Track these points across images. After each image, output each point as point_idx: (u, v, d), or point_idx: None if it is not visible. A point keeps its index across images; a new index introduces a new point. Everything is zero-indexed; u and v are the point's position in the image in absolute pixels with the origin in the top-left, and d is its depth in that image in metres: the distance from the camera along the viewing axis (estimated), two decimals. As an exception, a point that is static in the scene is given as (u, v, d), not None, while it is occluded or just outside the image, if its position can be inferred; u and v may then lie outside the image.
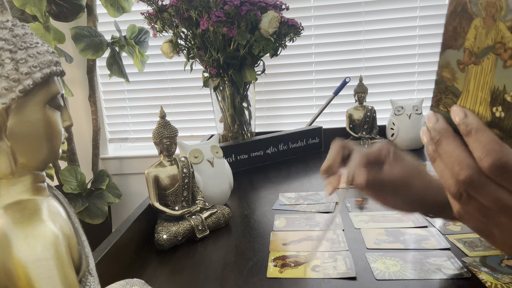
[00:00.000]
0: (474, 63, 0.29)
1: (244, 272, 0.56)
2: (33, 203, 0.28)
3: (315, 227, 0.69)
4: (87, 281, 0.31)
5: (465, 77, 0.30)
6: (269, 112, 1.62)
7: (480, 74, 0.29)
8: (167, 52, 1.07)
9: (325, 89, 1.57)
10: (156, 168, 0.68)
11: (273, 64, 1.53)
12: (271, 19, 0.95)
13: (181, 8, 0.96)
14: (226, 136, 1.13)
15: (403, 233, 0.64)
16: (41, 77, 0.28)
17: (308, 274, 0.54)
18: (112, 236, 0.58)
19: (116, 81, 1.61)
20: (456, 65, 0.30)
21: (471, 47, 0.29)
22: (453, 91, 0.31)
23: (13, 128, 0.27)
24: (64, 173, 1.37)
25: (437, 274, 0.52)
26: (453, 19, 0.30)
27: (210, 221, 0.69)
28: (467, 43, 0.29)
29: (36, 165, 0.29)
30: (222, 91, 1.08)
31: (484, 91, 0.29)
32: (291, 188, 0.91)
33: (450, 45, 0.30)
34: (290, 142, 1.17)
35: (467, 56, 0.29)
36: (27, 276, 0.25)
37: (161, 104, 1.62)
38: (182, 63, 1.12)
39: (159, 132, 0.68)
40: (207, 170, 0.78)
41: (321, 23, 1.51)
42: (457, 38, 0.30)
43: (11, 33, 0.27)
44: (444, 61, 0.31)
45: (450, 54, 0.30)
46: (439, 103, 0.32)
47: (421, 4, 1.46)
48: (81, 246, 0.32)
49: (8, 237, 0.26)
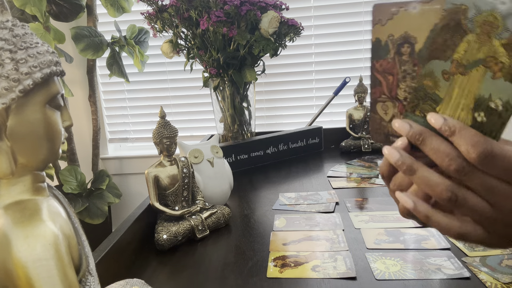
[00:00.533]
0: (461, 73, 0.32)
1: (244, 272, 0.56)
2: (33, 203, 0.28)
3: (315, 227, 0.69)
4: (87, 281, 0.31)
5: (449, 86, 0.32)
6: (269, 112, 1.62)
7: (466, 83, 0.32)
8: (167, 52, 1.07)
9: (325, 89, 1.57)
10: (156, 168, 0.68)
11: (273, 64, 1.53)
12: (271, 19, 0.95)
13: (181, 8, 0.96)
14: (226, 136, 1.13)
15: (403, 233, 0.64)
16: (41, 77, 0.28)
17: (308, 274, 0.54)
18: (112, 236, 0.58)
19: (116, 81, 1.61)
20: (440, 74, 0.33)
21: (460, 59, 0.31)
22: (433, 98, 0.33)
23: (13, 128, 0.27)
24: (64, 173, 1.37)
25: (437, 274, 0.52)
26: (445, 32, 0.32)
27: (210, 221, 0.69)
28: (456, 55, 0.32)
29: (36, 165, 0.29)
30: (222, 91, 1.08)
31: (468, 98, 0.32)
32: (291, 188, 0.91)
33: (436, 56, 0.33)
34: (290, 142, 1.17)
35: (454, 67, 0.32)
36: (27, 276, 0.25)
37: (161, 104, 1.62)
38: (182, 63, 1.12)
39: (159, 132, 0.68)
40: (207, 170, 0.78)
41: (321, 23, 1.51)
42: (446, 50, 0.32)
43: (11, 33, 0.27)
44: (428, 70, 0.33)
45: (436, 64, 0.33)
46: (415, 108, 0.35)
47: (421, 4, 1.46)
48: (81, 246, 0.32)
49: (8, 237, 0.26)
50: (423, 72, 0.33)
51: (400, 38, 0.35)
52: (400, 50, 0.35)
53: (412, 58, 0.34)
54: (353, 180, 0.93)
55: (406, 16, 0.34)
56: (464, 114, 0.32)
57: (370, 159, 1.10)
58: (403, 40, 0.35)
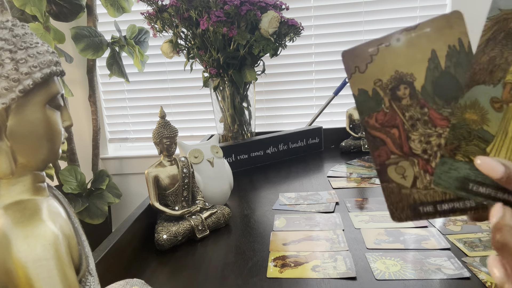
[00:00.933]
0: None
1: (244, 272, 0.56)
2: (33, 203, 0.28)
3: (315, 227, 0.69)
4: (87, 281, 0.31)
5: (503, 118, 0.26)
6: (269, 112, 1.62)
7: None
8: (167, 52, 1.07)
9: (325, 89, 1.57)
10: (156, 168, 0.68)
11: (273, 64, 1.53)
12: (271, 19, 0.95)
13: (181, 8, 0.96)
14: (226, 136, 1.13)
15: (403, 233, 0.64)
16: (41, 77, 0.28)
17: (308, 274, 0.54)
18: (112, 236, 0.58)
19: (116, 81, 1.61)
20: (489, 103, 0.26)
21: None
22: (481, 135, 0.26)
23: (13, 128, 0.27)
24: (64, 173, 1.37)
25: (437, 274, 0.52)
26: (490, 48, 0.25)
27: (210, 221, 0.69)
28: (510, 76, 0.25)
29: (36, 165, 0.29)
30: (222, 91, 1.08)
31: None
32: (291, 188, 0.91)
33: (481, 80, 0.26)
34: (290, 142, 1.17)
35: (508, 92, 0.25)
36: (27, 276, 0.25)
37: (161, 104, 1.62)
38: (182, 63, 1.12)
39: (159, 132, 0.68)
40: (207, 170, 0.78)
41: (321, 23, 1.51)
42: (495, 71, 0.25)
43: (11, 33, 0.27)
44: (469, 100, 0.26)
45: (480, 90, 0.26)
46: (457, 152, 0.27)
47: (421, 4, 1.46)
48: (81, 246, 0.32)
49: (8, 237, 0.26)
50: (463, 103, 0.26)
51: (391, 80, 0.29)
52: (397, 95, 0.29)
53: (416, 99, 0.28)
54: (353, 180, 0.93)
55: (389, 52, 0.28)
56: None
57: (370, 159, 1.10)
58: (396, 82, 0.28)
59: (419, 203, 0.29)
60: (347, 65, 0.30)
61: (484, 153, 0.26)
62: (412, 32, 0.27)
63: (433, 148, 0.29)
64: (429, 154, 0.28)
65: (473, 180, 0.27)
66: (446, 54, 0.27)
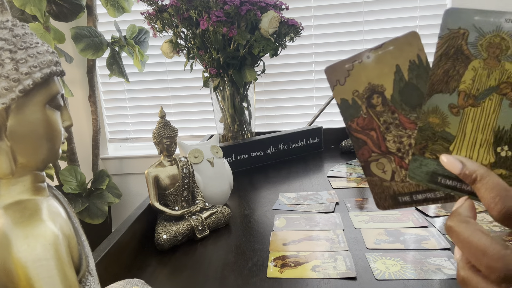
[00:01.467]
0: (472, 105, 0.29)
1: (244, 272, 0.56)
2: (33, 203, 0.28)
3: (315, 227, 0.69)
4: (87, 281, 0.31)
5: (460, 121, 0.29)
6: (269, 112, 1.62)
7: (480, 116, 0.29)
8: (167, 52, 1.07)
9: (325, 89, 1.57)
10: (156, 168, 0.68)
11: (273, 64, 1.53)
12: (271, 19, 0.95)
13: (181, 8, 0.96)
14: (226, 136, 1.13)
15: (403, 233, 0.64)
16: (41, 77, 0.28)
17: (308, 274, 0.54)
18: (112, 236, 0.58)
19: (116, 81, 1.61)
20: (447, 109, 0.30)
21: (468, 90, 0.29)
22: (443, 136, 0.30)
23: (13, 128, 0.27)
24: (64, 173, 1.37)
25: (437, 274, 0.52)
26: (444, 62, 0.29)
27: (210, 221, 0.69)
28: (463, 86, 0.29)
29: (36, 165, 0.29)
30: (222, 91, 1.08)
31: (485, 133, 0.29)
32: (291, 188, 0.91)
33: (439, 90, 0.30)
34: (290, 142, 1.17)
35: (462, 99, 0.29)
36: (27, 276, 0.25)
37: (161, 104, 1.63)
38: (182, 63, 1.12)
39: (159, 132, 0.68)
40: (207, 170, 0.78)
41: (321, 23, 1.51)
42: (449, 81, 0.29)
43: (11, 33, 0.27)
44: (431, 106, 0.30)
45: (439, 98, 0.30)
46: (425, 150, 0.31)
47: (421, 4, 1.46)
48: (81, 246, 0.32)
49: (8, 237, 0.26)
50: (425, 109, 0.30)
51: (366, 91, 0.33)
52: (371, 103, 0.33)
53: (388, 106, 0.33)
54: (353, 180, 0.93)
55: (362, 68, 0.33)
56: (484, 151, 0.29)
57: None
58: (370, 92, 0.33)
59: (398, 193, 0.34)
60: (329, 79, 0.35)
61: (447, 151, 0.30)
62: (379, 50, 0.32)
63: (405, 147, 0.33)
64: (403, 152, 0.33)
65: (441, 174, 0.31)
66: (408, 67, 0.32)
